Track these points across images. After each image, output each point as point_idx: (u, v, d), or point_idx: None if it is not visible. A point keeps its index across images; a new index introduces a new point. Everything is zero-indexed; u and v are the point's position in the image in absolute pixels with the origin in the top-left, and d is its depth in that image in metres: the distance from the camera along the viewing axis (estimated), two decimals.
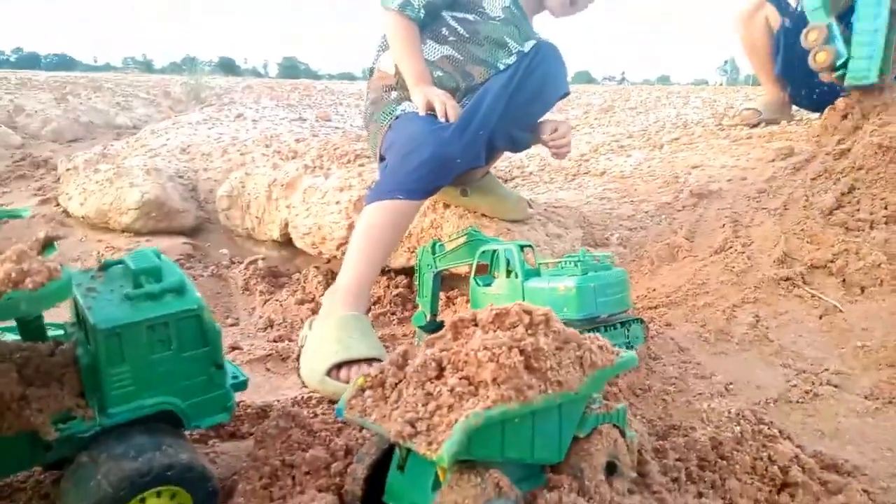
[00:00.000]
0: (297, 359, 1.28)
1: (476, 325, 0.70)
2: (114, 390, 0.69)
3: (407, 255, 1.81)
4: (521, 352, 0.64)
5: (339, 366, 1.22)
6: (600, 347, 0.71)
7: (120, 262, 0.75)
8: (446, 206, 1.81)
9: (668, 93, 4.66)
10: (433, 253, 1.46)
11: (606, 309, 1.16)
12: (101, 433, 0.71)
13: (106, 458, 0.69)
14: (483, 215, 1.78)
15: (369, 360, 1.21)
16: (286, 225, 2.09)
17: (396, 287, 1.84)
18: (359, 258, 1.39)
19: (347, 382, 1.19)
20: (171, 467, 0.70)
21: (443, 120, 1.46)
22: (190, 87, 8.04)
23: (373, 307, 1.77)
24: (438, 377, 0.66)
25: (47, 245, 0.63)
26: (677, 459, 0.91)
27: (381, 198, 1.44)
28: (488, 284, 1.32)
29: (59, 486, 0.72)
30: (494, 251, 1.29)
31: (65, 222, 2.25)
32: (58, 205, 2.36)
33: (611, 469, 0.75)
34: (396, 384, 0.68)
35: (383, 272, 1.88)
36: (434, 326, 1.48)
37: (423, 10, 1.60)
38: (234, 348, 1.44)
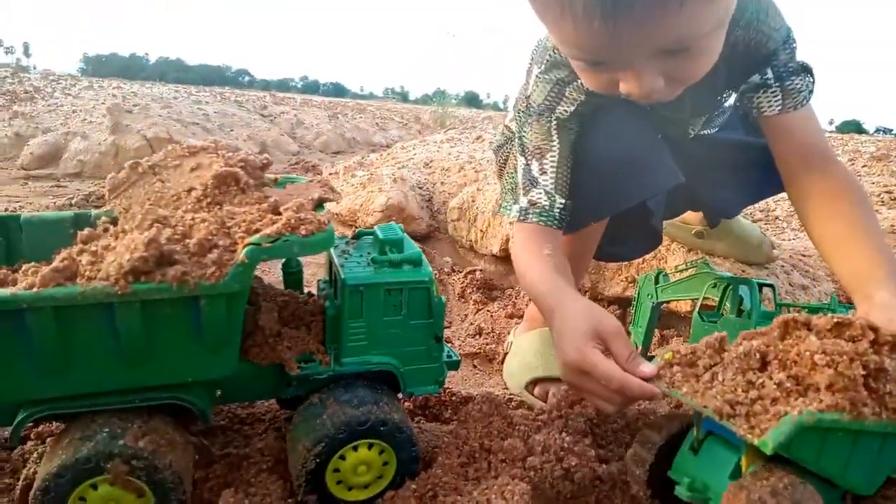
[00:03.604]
0: (502, 362, 1.30)
1: (809, 328, 0.68)
2: (349, 342, 0.77)
3: (623, 284, 1.75)
4: (864, 367, 0.61)
5: (537, 381, 1.22)
6: None
7: (371, 232, 0.85)
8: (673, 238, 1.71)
9: None
10: (656, 282, 1.39)
11: None
12: (332, 380, 0.80)
13: (333, 402, 0.77)
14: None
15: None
16: (506, 240, 2.15)
17: None
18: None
19: (544, 400, 1.18)
20: (384, 423, 0.76)
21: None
22: (437, 116, 8.79)
23: None
24: (761, 369, 0.66)
25: (319, 204, 0.73)
26: None
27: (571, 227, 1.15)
28: (714, 322, 1.22)
29: (291, 421, 0.82)
30: (728, 285, 1.19)
31: None
32: None
33: None
34: (711, 366, 0.69)
35: (596, 299, 1.84)
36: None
37: (564, 213, 1.07)
38: (446, 342, 1.51)
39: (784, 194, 1.13)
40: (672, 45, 0.81)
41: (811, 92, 1.05)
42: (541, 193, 1.06)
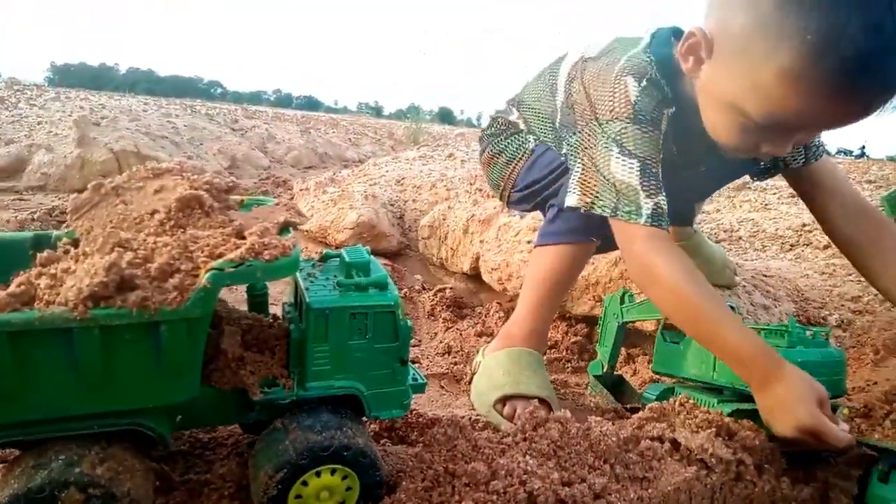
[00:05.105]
0: (470, 382, 1.31)
1: None
2: (313, 366, 0.77)
3: (591, 303, 1.77)
4: None
5: (505, 399, 1.23)
6: None
7: (337, 254, 0.85)
8: None
9: None
10: (622, 302, 1.41)
11: None
12: (296, 405, 0.79)
13: (295, 428, 0.77)
14: None
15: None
16: (477, 259, 2.17)
17: (576, 335, 1.81)
18: (537, 300, 1.36)
19: (511, 418, 1.19)
20: (347, 448, 0.75)
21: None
22: (411, 131, 8.84)
23: (548, 351, 1.75)
24: None
25: (285, 228, 0.73)
26: None
27: (559, 241, 1.32)
28: (676, 343, 1.25)
29: (254, 446, 0.81)
30: None
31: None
32: None
33: None
34: (887, 414, 0.96)
35: (563, 318, 1.86)
36: (611, 378, 1.42)
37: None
38: (413, 361, 1.51)
39: (747, 214, 1.21)
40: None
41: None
42: (665, 201, 1.07)
